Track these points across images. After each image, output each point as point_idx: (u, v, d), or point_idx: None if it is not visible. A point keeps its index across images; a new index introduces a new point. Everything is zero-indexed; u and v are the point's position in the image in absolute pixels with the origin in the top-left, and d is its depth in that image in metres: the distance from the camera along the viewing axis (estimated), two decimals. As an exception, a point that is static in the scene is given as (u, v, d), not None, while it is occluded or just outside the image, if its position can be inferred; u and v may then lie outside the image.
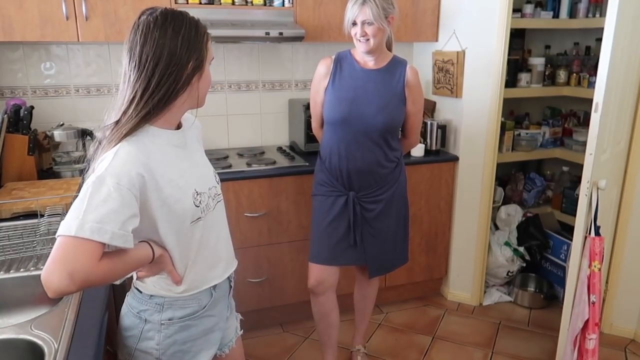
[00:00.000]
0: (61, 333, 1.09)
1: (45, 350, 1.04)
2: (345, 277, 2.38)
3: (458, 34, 2.69)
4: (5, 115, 2.09)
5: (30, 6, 2.08)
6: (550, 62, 3.13)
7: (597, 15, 2.88)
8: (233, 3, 2.45)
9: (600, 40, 1.90)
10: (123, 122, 1.06)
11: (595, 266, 1.95)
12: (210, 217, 1.22)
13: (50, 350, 1.03)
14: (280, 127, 2.95)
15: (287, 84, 2.91)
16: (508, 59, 2.61)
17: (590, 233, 1.99)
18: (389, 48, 2.02)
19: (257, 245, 2.48)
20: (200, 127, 1.36)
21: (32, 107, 2.22)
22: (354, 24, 1.88)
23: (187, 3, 2.36)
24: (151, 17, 1.06)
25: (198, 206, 1.16)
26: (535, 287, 3.02)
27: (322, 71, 2.00)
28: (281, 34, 2.36)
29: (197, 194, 1.16)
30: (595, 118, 1.91)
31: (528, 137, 3.10)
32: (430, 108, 2.94)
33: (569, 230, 2.79)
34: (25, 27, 2.09)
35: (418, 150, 2.70)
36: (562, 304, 2.15)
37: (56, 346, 1.05)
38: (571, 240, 2.07)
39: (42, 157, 2.29)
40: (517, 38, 3.12)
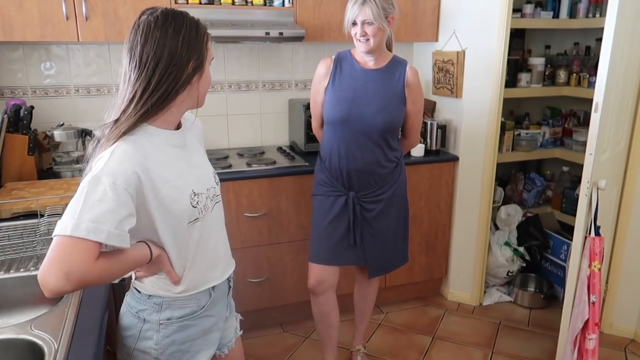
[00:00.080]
0: (61, 333, 1.09)
1: (45, 350, 1.04)
2: (345, 277, 2.38)
3: (458, 34, 2.69)
4: (5, 115, 2.09)
5: (30, 6, 2.08)
6: (550, 62, 3.13)
7: (597, 15, 2.88)
8: (233, 3, 2.45)
9: (600, 40, 1.90)
10: (122, 120, 1.06)
11: (595, 266, 1.95)
12: (209, 218, 1.22)
13: (50, 350, 1.03)
14: (280, 127, 2.95)
15: (287, 84, 2.91)
16: (508, 59, 2.61)
17: (590, 233, 1.99)
18: (389, 48, 2.02)
19: (257, 245, 2.48)
20: (202, 127, 1.35)
21: (32, 107, 2.22)
22: (354, 24, 1.88)
23: (187, 3, 2.36)
24: (152, 17, 1.06)
25: (195, 207, 1.16)
26: (535, 287, 3.02)
27: (322, 71, 2.00)
28: (281, 34, 2.36)
29: (195, 195, 1.16)
30: (595, 118, 1.91)
31: (528, 137, 3.10)
32: (430, 108, 2.94)
33: (569, 230, 2.79)
34: (25, 27, 2.09)
35: (418, 150, 2.70)
36: (562, 304, 2.15)
37: (56, 346, 1.05)
38: (571, 240, 2.07)
39: (42, 157, 2.29)
40: (517, 38, 3.12)
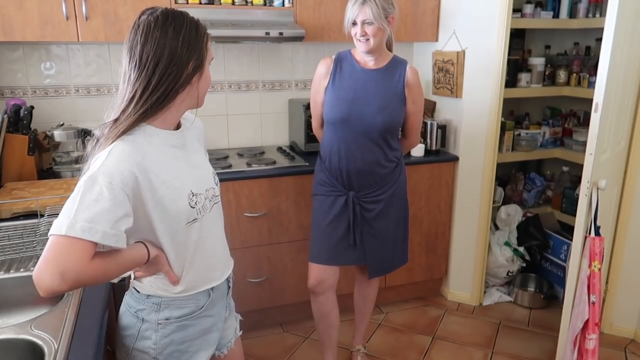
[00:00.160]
0: (61, 333, 1.09)
1: (45, 350, 1.04)
2: (345, 277, 2.38)
3: (458, 34, 2.69)
4: (5, 115, 2.09)
5: (30, 6, 2.08)
6: (550, 62, 3.13)
7: (597, 15, 2.88)
8: (233, 3, 2.45)
9: (600, 40, 1.90)
10: (121, 120, 1.06)
11: (595, 266, 1.95)
12: (207, 218, 1.21)
13: (50, 350, 1.03)
14: (280, 127, 2.95)
15: (287, 84, 2.91)
16: (508, 59, 2.61)
17: (590, 233, 1.99)
18: (390, 48, 2.02)
19: (257, 245, 2.48)
20: (202, 128, 1.35)
21: (32, 107, 2.22)
22: (354, 24, 1.88)
23: (187, 3, 2.36)
24: (152, 17, 1.06)
25: (194, 207, 1.16)
26: (535, 287, 3.02)
27: (322, 71, 2.00)
28: (281, 34, 2.36)
29: (193, 195, 1.16)
30: (595, 118, 1.91)
31: (528, 137, 3.10)
32: (430, 108, 2.94)
33: (569, 230, 2.79)
34: (25, 27, 2.09)
35: (418, 150, 2.70)
36: (562, 304, 2.15)
37: (56, 346, 1.05)
38: (571, 240, 2.07)
39: (42, 157, 2.29)
40: (517, 38, 3.12)
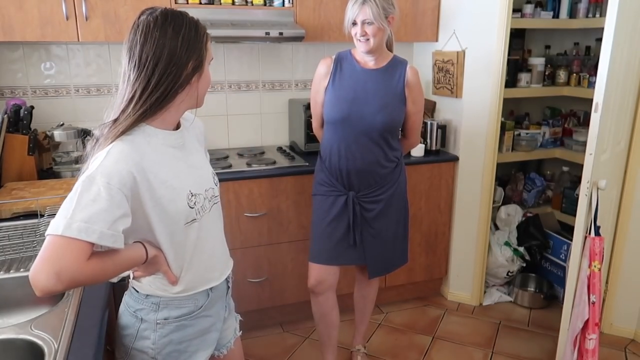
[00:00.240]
0: (61, 333, 1.09)
1: (45, 350, 1.04)
2: (345, 277, 2.38)
3: (458, 34, 2.69)
4: (5, 115, 2.09)
5: (30, 6, 2.08)
6: (550, 62, 3.13)
7: (597, 15, 2.88)
8: (233, 3, 2.45)
9: (600, 40, 1.90)
10: (121, 120, 1.06)
11: (595, 266, 1.95)
12: (207, 219, 1.21)
13: (50, 350, 1.03)
14: (280, 127, 2.95)
15: (287, 84, 2.91)
16: (508, 59, 2.61)
17: (590, 233, 1.99)
18: (390, 48, 2.02)
19: (257, 245, 2.48)
20: (202, 128, 1.35)
21: (32, 107, 2.22)
22: (354, 24, 1.88)
23: (187, 3, 2.36)
24: (151, 17, 1.06)
25: (192, 207, 1.15)
26: (535, 287, 3.02)
27: (322, 71, 2.00)
28: (281, 34, 2.36)
29: (192, 195, 1.16)
30: (595, 118, 1.91)
31: (528, 137, 3.10)
32: (430, 108, 2.94)
33: (569, 230, 2.79)
34: (25, 27, 2.09)
35: (418, 150, 2.70)
36: (562, 304, 2.15)
37: (56, 346, 1.05)
38: (571, 240, 2.07)
39: (42, 157, 2.29)
40: (517, 38, 3.12)
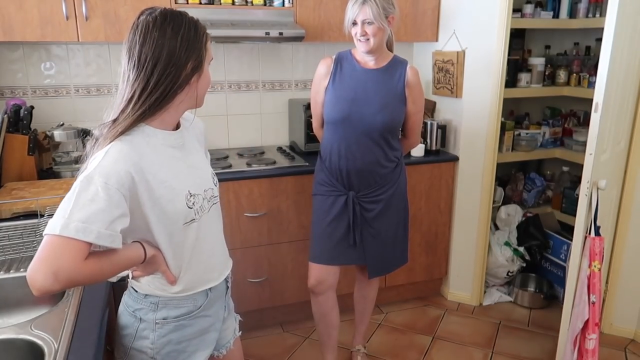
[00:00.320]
0: (61, 333, 1.09)
1: (45, 350, 1.04)
2: (345, 277, 2.38)
3: (458, 34, 2.69)
4: (5, 115, 2.09)
5: (30, 6, 2.08)
6: (550, 62, 3.13)
7: (597, 15, 2.88)
8: (233, 3, 2.45)
9: (600, 40, 1.90)
10: (120, 120, 1.06)
11: (595, 266, 1.95)
12: (205, 219, 1.21)
13: (50, 350, 1.03)
14: (280, 127, 2.95)
15: (287, 84, 2.91)
16: (508, 59, 2.61)
17: (590, 233, 1.99)
18: (390, 48, 2.02)
19: (257, 245, 2.48)
20: (203, 128, 1.35)
21: (32, 107, 2.22)
22: (354, 24, 1.88)
23: (187, 3, 2.36)
24: (150, 17, 1.06)
25: (191, 208, 1.15)
26: (535, 287, 3.02)
27: (322, 71, 2.00)
28: (281, 34, 2.36)
29: (191, 196, 1.15)
30: (595, 118, 1.91)
31: (528, 137, 3.10)
32: (430, 108, 2.94)
33: (569, 230, 2.79)
34: (25, 27, 2.09)
35: (418, 150, 2.70)
36: (562, 304, 2.15)
37: (56, 346, 1.05)
38: (571, 240, 2.07)
39: (42, 157, 2.29)
40: (517, 38, 3.12)
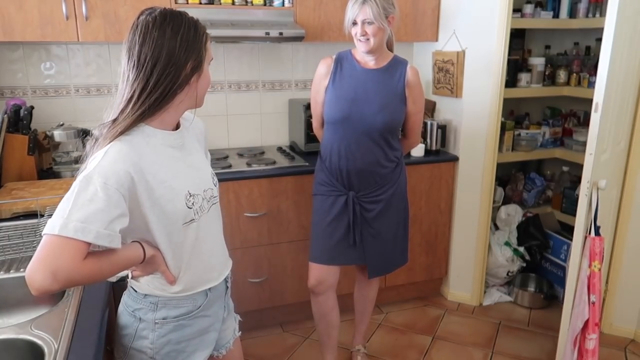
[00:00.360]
0: (61, 333, 1.09)
1: (45, 350, 1.04)
2: (345, 277, 2.38)
3: (458, 34, 2.68)
4: (5, 115, 2.09)
5: (30, 6, 2.08)
6: (550, 62, 3.13)
7: (597, 15, 2.88)
8: (233, 3, 2.45)
9: (600, 40, 1.90)
10: (120, 120, 1.06)
11: (595, 266, 1.95)
12: (205, 219, 1.21)
13: (50, 350, 1.03)
14: (280, 127, 2.95)
15: (287, 84, 2.91)
16: (508, 59, 2.61)
17: (590, 233, 1.99)
18: (390, 48, 2.02)
19: (257, 245, 2.48)
20: (203, 128, 1.35)
21: (32, 107, 2.22)
22: (354, 24, 1.88)
23: (187, 3, 2.36)
24: (150, 17, 1.06)
25: (191, 208, 1.15)
26: (535, 287, 3.02)
27: (322, 71, 2.00)
28: (281, 34, 2.36)
29: (191, 196, 1.15)
30: (595, 118, 1.91)
31: (528, 137, 3.10)
32: (430, 108, 2.94)
33: (569, 230, 2.79)
34: (25, 27, 2.09)
35: (418, 150, 2.70)
36: (562, 304, 2.15)
37: (56, 346, 1.05)
38: (571, 240, 2.07)
39: (42, 157, 2.29)
40: (517, 38, 3.12)
